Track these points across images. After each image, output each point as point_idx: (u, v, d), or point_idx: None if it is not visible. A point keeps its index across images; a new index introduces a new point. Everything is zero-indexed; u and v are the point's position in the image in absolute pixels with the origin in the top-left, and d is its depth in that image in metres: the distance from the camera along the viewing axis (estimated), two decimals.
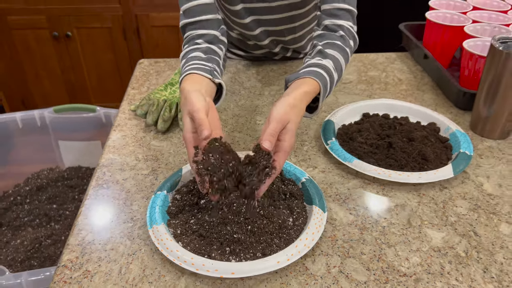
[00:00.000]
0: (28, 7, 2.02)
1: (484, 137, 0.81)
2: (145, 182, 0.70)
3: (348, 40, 0.75)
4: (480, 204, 0.66)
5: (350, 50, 0.75)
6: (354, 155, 0.73)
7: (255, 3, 0.90)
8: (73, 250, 0.59)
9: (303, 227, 0.60)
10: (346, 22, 0.76)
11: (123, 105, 0.91)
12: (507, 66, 0.73)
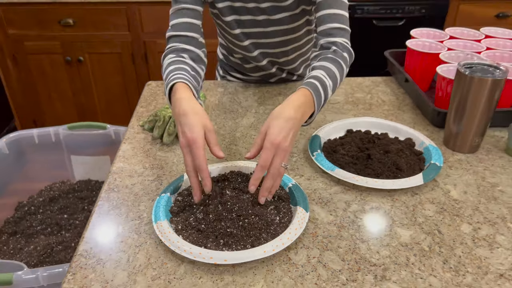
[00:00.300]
0: (44, 34, 2.16)
1: (456, 151, 0.91)
2: (151, 187, 0.80)
3: (340, 52, 0.84)
4: (446, 207, 0.75)
5: (343, 60, 0.84)
6: (337, 165, 0.83)
7: (251, 28, 1.01)
8: (87, 242, 0.68)
9: (288, 224, 0.69)
10: (340, 39, 0.86)
11: (132, 121, 1.02)
12: (471, 88, 0.83)
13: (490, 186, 0.80)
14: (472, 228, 0.71)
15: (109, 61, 2.24)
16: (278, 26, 1.00)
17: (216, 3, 0.97)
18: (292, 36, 1.04)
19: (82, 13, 2.10)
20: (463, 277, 0.62)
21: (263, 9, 0.97)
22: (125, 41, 2.18)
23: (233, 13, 0.98)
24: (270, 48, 1.06)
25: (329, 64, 0.81)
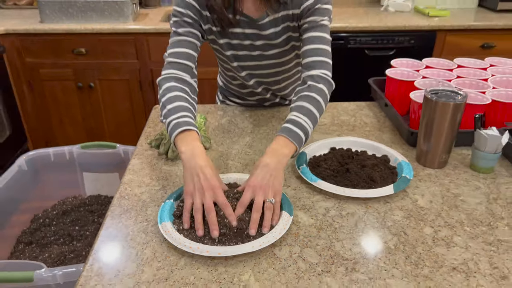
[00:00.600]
0: (58, 62, 2.32)
1: (426, 166, 1.02)
2: (157, 195, 0.92)
3: (315, 86, 0.96)
4: (413, 214, 0.86)
5: (318, 94, 0.95)
6: (319, 177, 0.94)
7: (248, 61, 1.15)
8: (103, 240, 0.79)
9: (274, 225, 0.80)
10: (319, 71, 0.99)
11: (141, 139, 1.15)
12: (436, 111, 0.95)
13: (453, 196, 0.92)
14: (433, 230, 0.82)
15: (118, 87, 2.39)
16: (271, 60, 1.14)
17: (217, 39, 1.11)
18: (283, 68, 1.18)
19: (94, 43, 2.27)
20: (421, 269, 0.72)
21: (257, 46, 1.11)
22: (133, 68, 2.33)
23: (231, 49, 1.12)
24: (264, 77, 1.20)
25: (303, 102, 0.94)
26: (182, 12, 1.05)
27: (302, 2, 1.03)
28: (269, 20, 1.07)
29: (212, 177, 0.81)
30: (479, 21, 2.34)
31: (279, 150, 0.87)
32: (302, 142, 0.91)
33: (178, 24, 1.05)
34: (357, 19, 2.37)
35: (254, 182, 0.81)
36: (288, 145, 0.88)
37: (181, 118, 0.90)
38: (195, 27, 1.06)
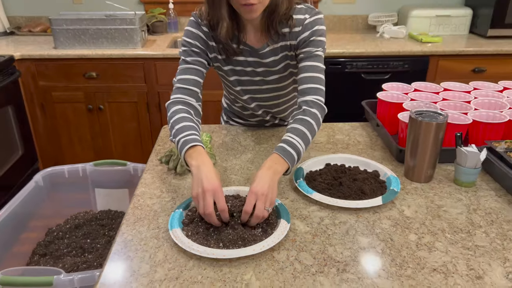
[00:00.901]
0: (70, 85, 2.44)
1: (413, 181, 1.11)
2: (167, 206, 1.01)
3: (309, 110, 1.07)
4: (399, 222, 0.95)
5: (312, 117, 1.06)
6: (315, 190, 1.04)
7: (250, 86, 1.26)
8: (119, 245, 0.88)
9: (273, 231, 0.89)
10: (313, 97, 1.09)
11: (151, 156, 1.25)
12: (421, 130, 1.05)
13: (437, 207, 1.00)
14: (417, 237, 0.90)
15: (126, 109, 2.51)
16: (271, 85, 1.25)
17: (222, 66, 1.22)
18: (282, 92, 1.29)
19: (104, 67, 2.40)
20: (405, 270, 0.81)
21: (259, 72, 1.22)
22: (141, 91, 2.45)
23: (235, 75, 1.24)
24: (264, 101, 1.31)
25: (298, 125, 1.04)
26: (190, 42, 1.16)
27: (299, 35, 1.14)
28: (269, 50, 1.18)
29: (214, 180, 0.90)
30: (470, 47, 2.46)
31: (273, 166, 0.96)
32: (294, 161, 1.01)
33: (187, 53, 1.17)
34: (354, 45, 2.50)
35: (257, 188, 0.90)
36: (282, 162, 0.98)
37: (188, 136, 1.00)
38: (202, 56, 1.17)
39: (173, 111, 1.08)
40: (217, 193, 0.89)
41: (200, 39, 1.17)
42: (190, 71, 1.15)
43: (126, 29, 2.38)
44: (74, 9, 2.87)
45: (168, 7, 2.76)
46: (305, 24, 1.14)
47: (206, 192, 0.89)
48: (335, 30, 2.94)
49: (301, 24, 1.14)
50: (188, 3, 2.85)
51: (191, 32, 1.17)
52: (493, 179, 1.12)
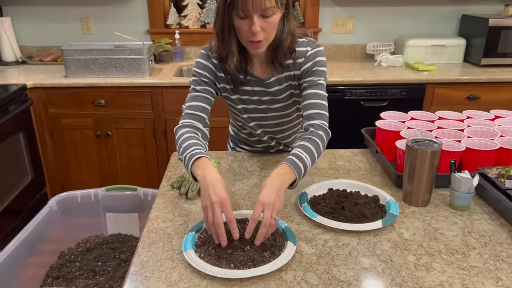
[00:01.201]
0: (79, 112, 2.53)
1: (411, 205, 1.18)
2: (180, 229, 1.07)
3: (316, 132, 1.15)
4: (398, 244, 1.01)
5: (318, 137, 1.14)
6: (319, 213, 1.10)
7: (256, 114, 1.34)
8: (136, 266, 0.94)
9: (280, 253, 0.96)
10: (318, 121, 1.18)
11: (163, 182, 1.31)
12: (417, 157, 1.12)
13: (434, 230, 1.07)
14: (415, 258, 0.96)
15: (133, 135, 2.59)
16: (276, 112, 1.34)
17: (230, 95, 1.31)
18: (286, 119, 1.37)
19: (113, 95, 2.49)
20: None
21: (264, 101, 1.30)
22: (148, 118, 2.54)
23: (242, 103, 1.32)
24: (270, 127, 1.39)
25: (306, 143, 1.12)
26: (200, 73, 1.26)
27: (302, 65, 1.23)
28: (274, 80, 1.27)
29: (220, 190, 0.97)
30: (464, 75, 2.57)
31: (282, 174, 1.03)
32: (301, 173, 1.08)
33: (197, 83, 1.26)
34: (353, 74, 2.60)
35: (264, 198, 0.97)
36: (290, 173, 1.05)
37: (193, 151, 1.09)
38: (211, 86, 1.26)
39: (180, 133, 1.17)
40: (225, 204, 0.96)
41: (209, 70, 1.26)
42: (198, 98, 1.24)
43: (134, 59, 2.48)
44: (84, 39, 2.98)
45: (174, 37, 2.88)
46: (307, 55, 1.23)
47: (215, 204, 0.96)
48: (335, 59, 3.05)
49: (304, 55, 1.23)
50: (193, 33, 2.97)
51: (201, 64, 1.26)
52: (486, 203, 1.18)
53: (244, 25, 1.11)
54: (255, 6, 1.06)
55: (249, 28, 1.10)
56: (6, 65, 2.85)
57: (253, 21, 1.08)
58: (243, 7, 1.07)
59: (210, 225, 0.96)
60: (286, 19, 1.19)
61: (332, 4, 2.98)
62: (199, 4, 2.95)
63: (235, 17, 1.11)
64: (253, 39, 1.12)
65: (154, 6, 2.90)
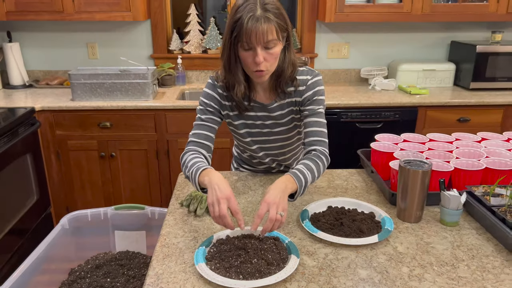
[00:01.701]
0: (85, 134, 2.61)
1: (405, 221, 1.27)
2: (190, 244, 1.15)
3: (318, 154, 1.26)
4: (393, 257, 1.10)
5: (319, 159, 1.25)
6: (319, 229, 1.19)
7: (258, 137, 1.44)
8: (151, 278, 1.02)
9: (285, 265, 1.04)
10: (319, 147, 1.28)
11: (172, 200, 1.40)
12: (409, 177, 1.22)
13: (426, 244, 1.15)
14: (409, 269, 1.05)
15: (136, 156, 2.67)
16: (278, 136, 1.43)
17: (233, 121, 1.41)
18: (288, 142, 1.47)
19: (118, 118, 2.58)
20: None
21: (267, 125, 1.40)
22: (151, 140, 2.63)
23: (245, 128, 1.42)
24: (271, 150, 1.48)
25: (308, 161, 1.23)
26: (206, 102, 1.36)
27: (304, 93, 1.34)
28: (277, 105, 1.37)
29: (225, 188, 1.08)
30: (454, 98, 2.69)
31: (285, 182, 1.14)
32: (302, 185, 1.18)
33: (202, 112, 1.36)
34: (348, 97, 2.72)
35: (269, 199, 1.07)
36: (292, 182, 1.16)
37: (199, 165, 1.21)
38: (215, 115, 1.37)
39: (186, 157, 1.29)
40: (230, 199, 1.07)
41: (214, 100, 1.37)
42: (203, 127, 1.35)
43: (139, 83, 2.59)
44: (90, 63, 3.10)
45: (176, 62, 3.00)
46: (308, 84, 1.34)
47: (221, 199, 1.07)
48: (331, 83, 3.18)
49: (305, 84, 1.35)
50: (195, 58, 3.09)
51: (207, 94, 1.37)
52: (474, 219, 1.27)
53: (248, 57, 1.22)
54: (258, 39, 1.17)
55: (253, 59, 1.21)
56: (13, 88, 2.94)
57: (256, 52, 1.19)
58: (247, 40, 1.18)
59: (217, 218, 1.07)
60: (287, 50, 1.30)
61: (328, 31, 3.12)
62: (200, 31, 3.08)
63: (240, 49, 1.22)
64: (257, 69, 1.23)
65: (158, 33, 3.03)
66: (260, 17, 1.16)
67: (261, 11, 1.17)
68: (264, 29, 1.16)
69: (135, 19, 2.71)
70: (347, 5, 2.74)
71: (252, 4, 1.17)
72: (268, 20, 1.17)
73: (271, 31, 1.17)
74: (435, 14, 2.80)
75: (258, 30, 1.16)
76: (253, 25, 1.15)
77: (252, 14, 1.16)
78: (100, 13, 2.69)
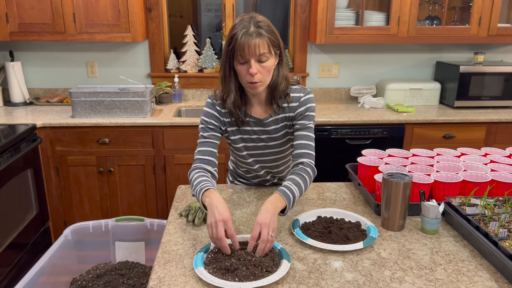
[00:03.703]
0: (84, 150, 2.70)
1: (388, 230, 1.36)
2: (189, 251, 1.24)
3: (304, 168, 1.36)
4: (376, 261, 1.19)
5: (305, 173, 1.36)
6: (309, 237, 1.28)
7: (254, 151, 1.54)
8: (154, 281, 1.10)
9: (276, 270, 1.13)
10: (306, 159, 1.39)
11: (171, 211, 1.49)
12: (392, 188, 1.32)
13: (407, 250, 1.25)
14: (391, 272, 1.14)
15: (134, 171, 2.76)
16: (272, 149, 1.54)
17: (230, 136, 1.51)
18: (281, 155, 1.58)
19: (116, 134, 2.67)
20: None
21: (262, 139, 1.51)
22: (149, 155, 2.72)
23: (242, 142, 1.52)
24: (266, 163, 1.59)
25: (295, 177, 1.34)
26: (206, 120, 1.47)
27: (296, 109, 1.47)
28: (272, 120, 1.48)
29: (223, 212, 1.17)
30: (440, 116, 2.82)
31: (274, 202, 1.24)
32: (290, 202, 1.28)
33: (204, 130, 1.47)
34: (338, 114, 2.84)
35: (261, 220, 1.17)
36: (281, 201, 1.26)
37: (203, 185, 1.30)
38: (216, 131, 1.48)
39: (192, 175, 1.38)
40: (227, 222, 1.16)
41: (214, 117, 1.47)
42: (206, 144, 1.45)
43: (137, 101, 2.69)
44: (89, 82, 3.20)
45: (173, 80, 3.11)
46: (301, 101, 1.46)
47: (218, 222, 1.15)
48: (321, 101, 3.30)
49: (298, 100, 1.47)
50: (191, 77, 3.21)
51: (207, 112, 1.48)
52: (452, 227, 1.37)
53: (243, 69, 1.35)
54: (250, 51, 1.31)
55: (247, 71, 1.34)
56: (14, 106, 3.03)
57: (250, 64, 1.33)
58: (241, 53, 1.32)
59: (215, 240, 1.16)
60: (280, 66, 1.44)
61: (319, 52, 3.26)
62: (197, 51, 3.21)
63: (237, 63, 1.36)
64: (251, 80, 1.35)
65: (155, 52, 3.15)
66: (252, 32, 1.30)
67: (254, 28, 1.31)
68: (256, 43, 1.30)
69: (134, 40, 2.83)
70: (336, 28, 2.89)
71: (246, 22, 1.32)
72: (260, 35, 1.31)
73: (263, 45, 1.31)
74: (420, 37, 2.95)
75: (251, 44, 1.29)
76: (246, 39, 1.29)
77: (246, 30, 1.30)
78: (100, 34, 2.81)
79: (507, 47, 3.33)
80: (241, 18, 1.34)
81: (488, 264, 1.18)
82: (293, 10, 3.21)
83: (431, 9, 3.18)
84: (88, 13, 2.76)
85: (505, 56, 3.36)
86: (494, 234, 1.20)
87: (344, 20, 2.93)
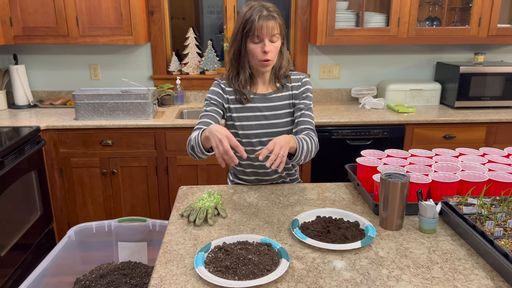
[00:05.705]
0: (87, 152, 2.73)
1: (387, 229, 1.38)
2: (190, 250, 1.26)
3: (312, 136, 1.53)
4: (374, 260, 1.21)
5: (313, 139, 1.53)
6: (308, 236, 1.30)
7: (258, 130, 1.64)
8: (155, 280, 1.13)
9: (276, 268, 1.15)
10: (312, 132, 1.55)
11: (173, 212, 1.51)
12: (389, 188, 1.34)
13: (404, 249, 1.27)
14: (388, 271, 1.16)
15: (137, 173, 2.78)
16: (275, 128, 1.64)
17: (233, 113, 1.64)
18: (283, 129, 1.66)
19: (119, 136, 2.70)
20: None
21: (266, 116, 1.63)
22: (151, 157, 2.75)
23: (246, 120, 1.64)
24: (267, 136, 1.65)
25: (305, 136, 1.50)
26: (210, 97, 1.62)
27: (299, 87, 1.66)
28: (275, 96, 1.63)
29: (223, 130, 1.29)
30: (440, 117, 2.83)
31: (289, 138, 1.42)
32: (300, 147, 1.45)
33: (207, 105, 1.62)
34: (339, 115, 2.86)
35: (278, 139, 1.37)
36: (294, 142, 1.44)
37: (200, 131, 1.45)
38: (218, 107, 1.61)
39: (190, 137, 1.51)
40: (228, 137, 1.29)
41: (218, 94, 1.62)
42: (208, 116, 1.59)
43: (140, 103, 2.72)
44: (92, 84, 3.23)
45: (175, 82, 3.14)
46: (303, 81, 1.67)
47: (222, 139, 1.28)
48: (322, 102, 3.32)
49: (300, 81, 1.67)
50: (193, 79, 3.24)
51: (212, 90, 1.64)
52: (449, 227, 1.39)
53: (257, 48, 1.53)
54: (267, 32, 1.50)
55: (262, 49, 1.52)
56: (18, 108, 3.07)
57: (265, 43, 1.51)
58: (258, 33, 1.50)
59: (223, 155, 1.28)
60: (283, 48, 1.60)
61: (319, 53, 3.28)
62: (198, 53, 3.24)
63: (250, 42, 1.53)
64: (265, 58, 1.51)
65: (158, 55, 3.18)
66: (267, 15, 1.51)
67: (267, 12, 1.52)
68: (272, 24, 1.50)
69: (136, 42, 2.86)
70: (337, 29, 2.91)
71: (259, 7, 1.52)
72: (273, 18, 1.52)
73: (276, 27, 1.52)
74: (420, 37, 2.96)
75: (268, 25, 1.49)
76: (263, 21, 1.49)
77: (261, 13, 1.50)
78: (103, 37, 2.84)
79: (507, 47, 3.35)
80: (251, 5, 1.53)
81: (484, 262, 1.20)
82: (294, 12, 3.23)
83: (431, 10, 3.19)
84: (91, 16, 2.79)
85: (505, 56, 3.37)
86: (490, 233, 1.22)
87: (344, 21, 2.95)
